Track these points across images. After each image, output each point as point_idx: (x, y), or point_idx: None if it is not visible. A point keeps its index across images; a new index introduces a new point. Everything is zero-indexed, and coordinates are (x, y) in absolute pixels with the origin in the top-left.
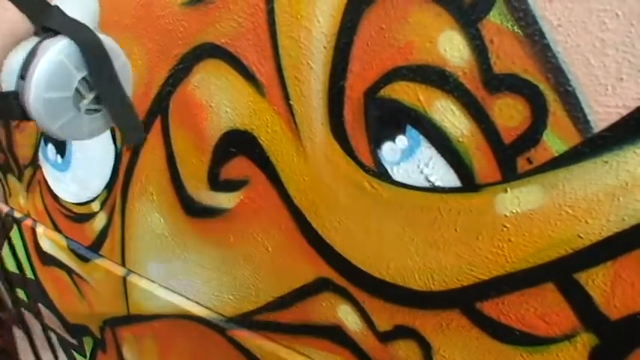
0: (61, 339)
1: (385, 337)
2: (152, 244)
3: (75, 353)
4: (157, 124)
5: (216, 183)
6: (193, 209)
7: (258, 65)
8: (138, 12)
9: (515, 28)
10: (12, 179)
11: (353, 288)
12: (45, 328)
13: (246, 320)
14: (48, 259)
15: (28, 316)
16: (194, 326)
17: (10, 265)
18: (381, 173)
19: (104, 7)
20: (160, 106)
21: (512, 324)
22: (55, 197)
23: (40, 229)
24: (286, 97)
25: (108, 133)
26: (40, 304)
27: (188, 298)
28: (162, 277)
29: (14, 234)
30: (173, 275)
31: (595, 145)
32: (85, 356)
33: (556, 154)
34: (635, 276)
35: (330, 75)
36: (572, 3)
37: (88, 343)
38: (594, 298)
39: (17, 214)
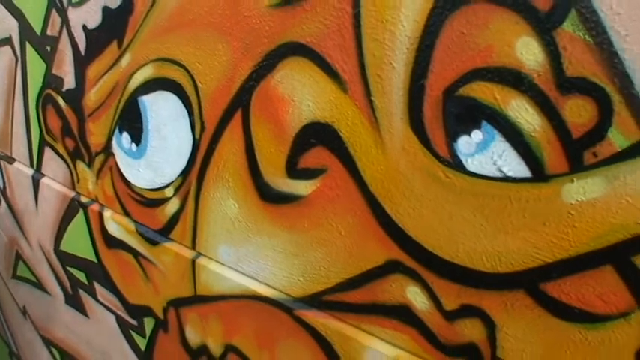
0: (119, 319)
1: (451, 316)
2: (225, 228)
3: (134, 333)
4: (238, 116)
5: (294, 171)
6: (269, 195)
7: (342, 63)
8: (225, 11)
9: (587, 37)
10: (81, 166)
11: (422, 270)
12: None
13: (314, 300)
14: (114, 243)
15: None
16: (261, 306)
17: (70, 248)
18: (455, 164)
19: (192, 3)
20: (242, 99)
21: (572, 303)
22: (127, 183)
23: (107, 214)
24: (368, 93)
25: (187, 124)
26: (97, 285)
27: (257, 280)
28: (232, 259)
29: (79, 218)
30: (244, 258)
31: None
32: (144, 336)
33: (619, 149)
34: None
35: (411, 74)
36: (637, 16)
37: (148, 324)
38: None
39: (84, 199)
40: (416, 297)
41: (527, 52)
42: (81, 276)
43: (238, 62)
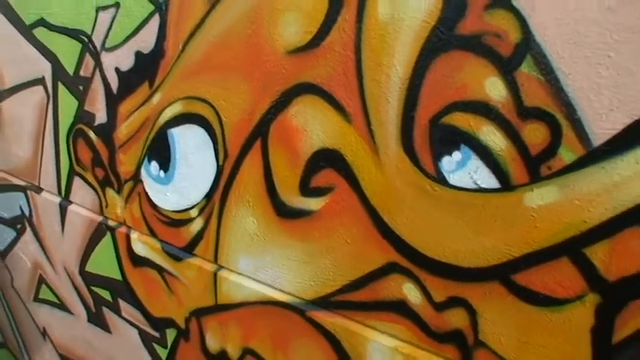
0: (142, 332)
1: (440, 307)
2: (244, 242)
3: (155, 345)
4: (258, 145)
5: (306, 190)
6: (284, 212)
7: (347, 100)
8: (247, 57)
9: (540, 75)
10: (110, 192)
11: (416, 269)
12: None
13: (324, 302)
14: (139, 261)
15: None
16: (277, 310)
17: (95, 269)
18: (440, 179)
19: (219, 47)
20: (261, 130)
21: (538, 290)
22: (154, 206)
23: (134, 235)
24: (368, 123)
25: (212, 153)
26: (121, 302)
27: (273, 287)
28: (250, 270)
29: (106, 240)
30: (261, 268)
31: (594, 156)
32: (165, 347)
33: (568, 163)
34: (626, 249)
35: (403, 107)
36: (578, 59)
37: (170, 335)
38: (597, 267)
39: (111, 223)
40: (410, 292)
41: (494, 89)
42: (105, 294)
43: (258, 99)
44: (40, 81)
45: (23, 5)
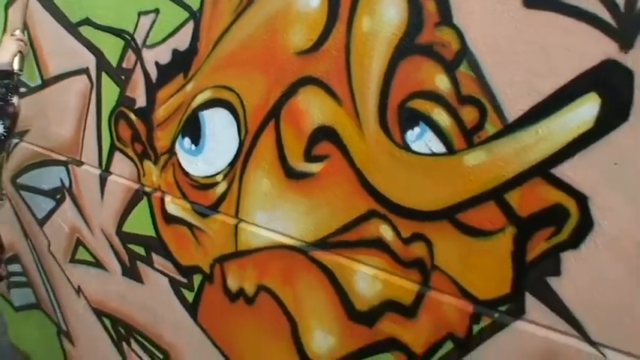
0: (172, 280)
1: (406, 241)
2: (260, 199)
3: (183, 290)
4: (272, 123)
5: (309, 157)
6: (292, 174)
7: (339, 89)
8: (264, 55)
9: (471, 73)
10: (148, 163)
11: (389, 213)
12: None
13: (322, 243)
14: (172, 219)
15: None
16: (285, 252)
17: (132, 229)
18: (405, 147)
19: (242, 48)
20: (275, 112)
21: (474, 225)
22: (186, 174)
23: (167, 198)
24: (355, 106)
25: (235, 129)
26: (154, 255)
27: (283, 234)
28: (265, 221)
29: (142, 204)
30: (273, 219)
31: (509, 129)
32: (192, 290)
33: (491, 134)
34: (532, 194)
35: (379, 95)
36: (497, 63)
37: (197, 279)
38: (513, 207)
39: (147, 189)
40: (385, 232)
41: (441, 82)
42: (140, 250)
43: (272, 88)
44: (85, 71)
45: (69, 6)
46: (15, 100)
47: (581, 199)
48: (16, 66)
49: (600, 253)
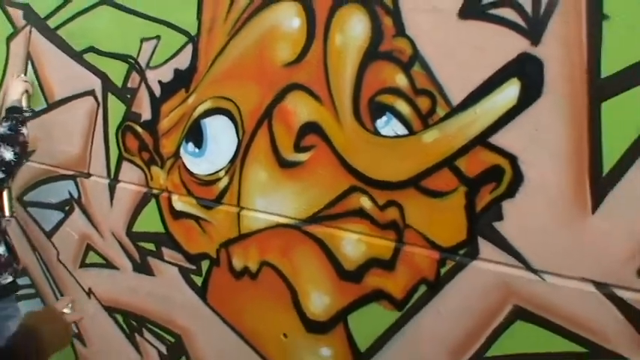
0: (181, 268)
1: (382, 208)
2: (259, 188)
3: (192, 275)
4: (265, 123)
5: (298, 148)
6: (284, 163)
7: (320, 91)
8: (256, 68)
9: (424, 72)
10: (155, 169)
11: (368, 187)
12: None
13: (313, 218)
14: (179, 215)
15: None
16: (282, 230)
17: (141, 228)
18: (376, 133)
19: (237, 64)
20: (267, 113)
21: (434, 188)
22: (191, 174)
23: (174, 197)
24: (333, 104)
25: (233, 131)
26: (164, 249)
27: (279, 215)
28: (263, 206)
29: (151, 205)
30: (271, 203)
31: (454, 111)
32: (201, 275)
33: (441, 116)
34: (475, 158)
35: (352, 93)
36: (443, 64)
37: (205, 265)
38: (462, 170)
39: (155, 191)
40: (365, 202)
41: (401, 80)
42: (150, 246)
43: (265, 94)
44: (91, 92)
45: (73, 36)
46: (24, 130)
47: (513, 159)
48: (24, 104)
49: (530, 198)
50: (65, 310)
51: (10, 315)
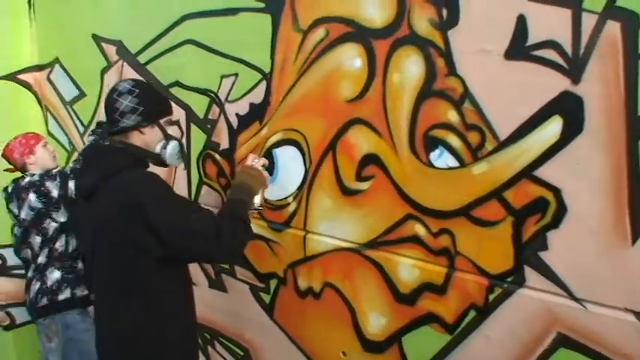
0: (251, 286)
1: (435, 235)
2: (323, 213)
3: (261, 293)
4: (330, 154)
5: (359, 177)
6: (347, 191)
7: (379, 125)
8: (322, 103)
9: (474, 108)
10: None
11: (422, 215)
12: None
13: (372, 243)
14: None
15: None
16: (344, 253)
17: None
18: (430, 165)
19: (305, 99)
20: (332, 146)
21: (483, 218)
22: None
23: None
24: (391, 137)
25: (301, 161)
26: (237, 267)
27: (341, 239)
28: (327, 230)
29: None
30: (334, 228)
31: (502, 146)
32: (269, 293)
33: (489, 150)
34: (522, 191)
35: (409, 128)
36: (491, 102)
37: (273, 283)
38: (510, 202)
39: None
40: (419, 229)
41: (452, 116)
42: (224, 265)
43: (329, 128)
44: (176, 122)
45: (160, 72)
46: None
47: (557, 192)
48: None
49: (573, 229)
50: (254, 162)
51: (89, 329)
